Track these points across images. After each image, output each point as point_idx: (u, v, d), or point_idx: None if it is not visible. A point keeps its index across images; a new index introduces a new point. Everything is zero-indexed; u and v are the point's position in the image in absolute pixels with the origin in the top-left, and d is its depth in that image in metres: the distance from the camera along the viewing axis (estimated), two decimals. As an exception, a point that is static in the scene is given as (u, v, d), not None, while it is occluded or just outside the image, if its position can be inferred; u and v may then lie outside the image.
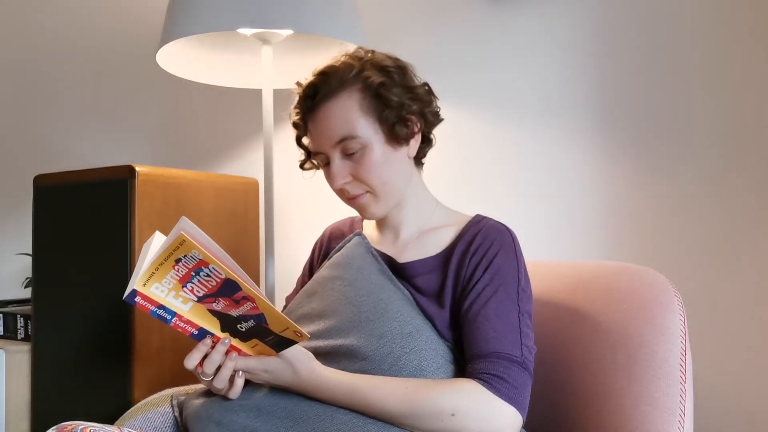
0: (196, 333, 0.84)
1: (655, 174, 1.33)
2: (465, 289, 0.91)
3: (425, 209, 1.03)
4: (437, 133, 1.04)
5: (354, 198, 0.97)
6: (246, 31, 1.40)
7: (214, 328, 0.85)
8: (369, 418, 0.84)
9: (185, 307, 0.82)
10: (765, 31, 1.23)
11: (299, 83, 0.99)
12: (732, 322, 1.25)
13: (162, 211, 1.38)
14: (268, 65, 1.44)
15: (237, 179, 1.61)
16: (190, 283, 0.79)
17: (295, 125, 1.01)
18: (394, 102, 0.94)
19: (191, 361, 0.85)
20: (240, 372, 0.88)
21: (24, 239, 2.31)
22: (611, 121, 1.38)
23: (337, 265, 1.00)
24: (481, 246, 0.93)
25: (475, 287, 0.90)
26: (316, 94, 0.95)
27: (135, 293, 0.78)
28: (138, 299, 0.79)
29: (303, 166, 1.06)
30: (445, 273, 0.94)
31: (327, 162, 0.97)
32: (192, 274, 0.78)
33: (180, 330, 0.84)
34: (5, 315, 1.78)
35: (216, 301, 0.81)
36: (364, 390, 0.84)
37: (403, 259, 0.99)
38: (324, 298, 0.98)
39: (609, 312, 0.98)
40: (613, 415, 0.90)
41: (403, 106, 0.95)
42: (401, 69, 0.98)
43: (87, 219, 1.40)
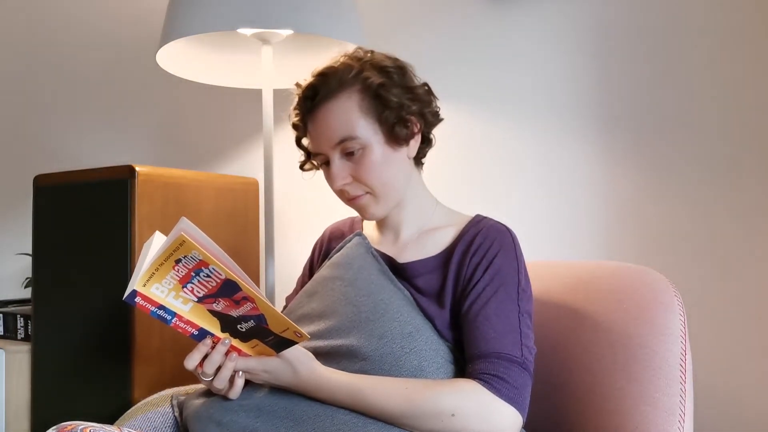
0: (196, 333, 0.84)
1: (657, 174, 1.33)
2: (465, 290, 0.91)
3: (425, 209, 1.03)
4: (437, 133, 1.04)
5: (354, 199, 0.97)
6: (246, 31, 1.40)
7: (214, 328, 0.85)
8: (369, 418, 0.84)
9: (185, 308, 0.82)
10: (767, 30, 1.23)
11: (298, 84, 0.99)
12: (732, 322, 1.25)
13: (162, 211, 1.38)
14: (268, 65, 1.44)
15: (237, 179, 1.61)
16: (190, 284, 0.79)
17: (295, 126, 1.01)
18: (393, 102, 0.94)
19: (191, 362, 0.85)
20: (240, 372, 0.88)
21: (24, 239, 2.31)
22: (612, 120, 1.37)
23: (338, 266, 1.00)
24: (482, 246, 0.93)
25: (476, 287, 0.90)
26: (315, 95, 0.95)
27: (135, 294, 0.78)
28: (138, 300, 0.79)
29: (303, 167, 1.06)
30: (446, 273, 0.94)
31: (327, 163, 0.97)
32: (192, 274, 0.78)
33: (180, 330, 0.84)
34: (5, 315, 1.79)
35: (216, 302, 0.81)
36: (364, 390, 0.84)
37: (404, 260, 0.99)
38: (324, 298, 0.98)
39: (609, 312, 0.98)
40: (613, 415, 0.90)
41: (403, 106, 0.95)
42: (401, 69, 0.98)
43: (87, 219, 1.40)
